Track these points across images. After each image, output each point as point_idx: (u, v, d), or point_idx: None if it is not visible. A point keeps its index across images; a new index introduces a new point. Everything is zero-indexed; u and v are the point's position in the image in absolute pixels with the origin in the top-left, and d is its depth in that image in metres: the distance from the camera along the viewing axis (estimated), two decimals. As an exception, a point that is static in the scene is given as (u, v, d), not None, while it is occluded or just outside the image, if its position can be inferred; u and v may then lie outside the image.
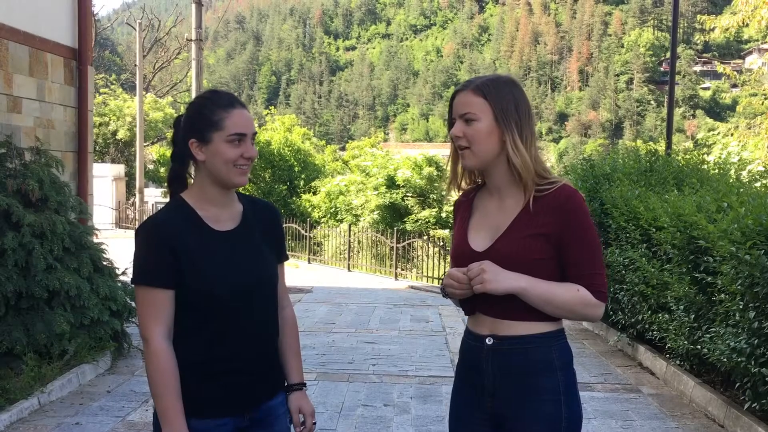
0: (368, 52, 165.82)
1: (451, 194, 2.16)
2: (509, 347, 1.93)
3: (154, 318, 1.90)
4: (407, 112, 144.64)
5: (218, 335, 1.95)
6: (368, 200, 20.39)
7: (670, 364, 5.84)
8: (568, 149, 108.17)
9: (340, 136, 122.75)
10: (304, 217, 19.88)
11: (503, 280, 1.86)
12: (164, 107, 34.41)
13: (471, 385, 2.02)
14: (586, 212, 1.92)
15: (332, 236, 17.96)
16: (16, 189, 5.44)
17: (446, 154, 2.05)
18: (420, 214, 19.55)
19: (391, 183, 20.14)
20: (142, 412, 4.88)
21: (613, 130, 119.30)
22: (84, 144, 7.56)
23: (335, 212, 21.70)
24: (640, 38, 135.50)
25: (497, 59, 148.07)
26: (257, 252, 2.04)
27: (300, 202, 22.95)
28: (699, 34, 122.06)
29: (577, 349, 7.08)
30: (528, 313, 1.91)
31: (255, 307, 2.00)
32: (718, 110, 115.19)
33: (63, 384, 5.22)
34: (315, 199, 22.60)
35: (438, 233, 16.71)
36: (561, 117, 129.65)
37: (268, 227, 2.11)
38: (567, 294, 1.88)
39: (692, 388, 5.34)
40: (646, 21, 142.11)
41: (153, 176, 31.73)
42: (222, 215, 2.01)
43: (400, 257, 15.24)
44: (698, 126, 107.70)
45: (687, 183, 6.85)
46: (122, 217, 28.55)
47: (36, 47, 6.86)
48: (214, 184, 1.98)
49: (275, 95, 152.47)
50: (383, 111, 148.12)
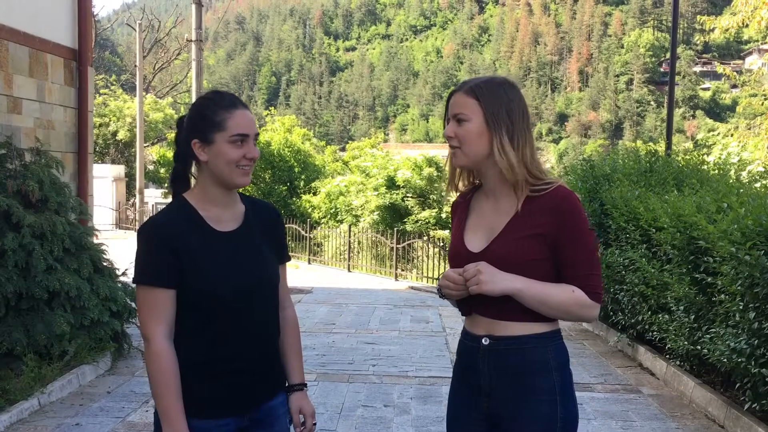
0: (368, 53, 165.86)
1: (451, 195, 2.17)
2: (505, 347, 1.94)
3: (156, 318, 1.91)
4: (407, 113, 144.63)
5: (220, 335, 1.95)
6: (368, 201, 20.39)
7: (670, 365, 5.84)
8: (568, 150, 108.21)
9: (340, 137, 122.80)
10: (304, 218, 19.88)
11: (499, 281, 1.87)
12: (164, 108, 34.42)
13: (467, 386, 2.02)
14: (582, 213, 1.92)
15: (332, 237, 17.97)
16: (17, 190, 5.45)
17: (446, 155, 2.06)
18: (420, 215, 19.56)
19: (391, 183, 20.14)
20: (142, 413, 4.88)
21: (613, 131, 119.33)
22: (84, 145, 7.56)
23: (335, 213, 21.71)
24: (640, 39, 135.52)
25: (497, 60, 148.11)
26: (258, 252, 2.04)
27: (300, 203, 22.95)
28: (699, 35, 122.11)
29: (578, 350, 7.08)
30: (524, 314, 1.91)
31: (256, 308, 2.00)
32: (718, 111, 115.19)
33: (63, 385, 5.22)
34: (315, 200, 22.61)
35: (438, 234, 16.72)
36: (561, 117, 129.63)
37: (270, 228, 2.11)
38: (562, 295, 1.89)
39: (692, 389, 5.34)
40: (646, 21, 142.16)
41: (153, 177, 31.74)
42: (224, 216, 2.02)
43: (400, 258, 15.24)
44: (698, 126, 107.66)
45: (687, 183, 6.85)
46: (122, 218, 28.55)
47: (36, 48, 6.86)
48: (217, 185, 1.98)
49: (275, 96, 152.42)
50: (383, 112, 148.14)
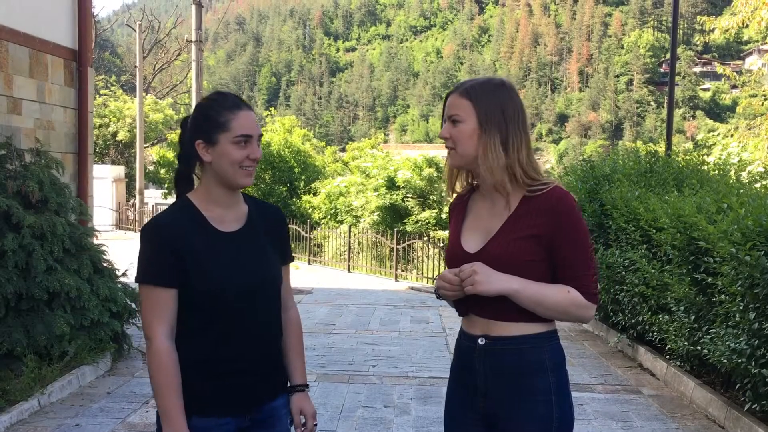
0: (368, 54, 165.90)
1: (451, 195, 2.18)
2: (501, 348, 1.95)
3: (158, 317, 1.92)
4: (407, 113, 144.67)
5: (223, 336, 1.96)
6: (368, 201, 20.39)
7: (671, 365, 5.84)
8: (568, 150, 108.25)
9: (340, 138, 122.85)
10: (305, 219, 19.89)
11: (494, 282, 1.88)
12: (164, 108, 34.43)
13: (464, 386, 2.03)
14: (578, 214, 1.93)
15: (332, 237, 17.98)
16: (17, 190, 5.44)
17: (446, 155, 2.07)
18: (420, 215, 19.56)
19: (391, 184, 20.14)
20: (142, 414, 4.88)
21: (613, 131, 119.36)
22: (84, 145, 7.56)
23: (335, 213, 21.71)
24: (640, 39, 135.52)
25: (497, 60, 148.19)
26: (262, 253, 2.05)
27: (300, 204, 22.96)
28: (699, 35, 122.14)
29: (578, 350, 7.08)
30: (520, 314, 1.92)
31: (259, 308, 2.01)
32: (718, 111, 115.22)
33: (63, 385, 5.22)
34: (315, 201, 22.61)
35: (438, 234, 16.71)
36: (561, 118, 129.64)
37: (273, 228, 2.12)
38: (558, 295, 1.89)
39: (692, 389, 5.34)
40: (646, 22, 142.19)
41: (153, 177, 31.77)
42: (227, 216, 2.02)
43: (401, 258, 15.25)
44: (698, 127, 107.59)
45: (687, 184, 6.85)
46: (122, 219, 28.56)
47: (36, 49, 6.86)
48: (220, 185, 1.99)
49: (275, 96, 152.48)
50: (383, 112, 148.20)
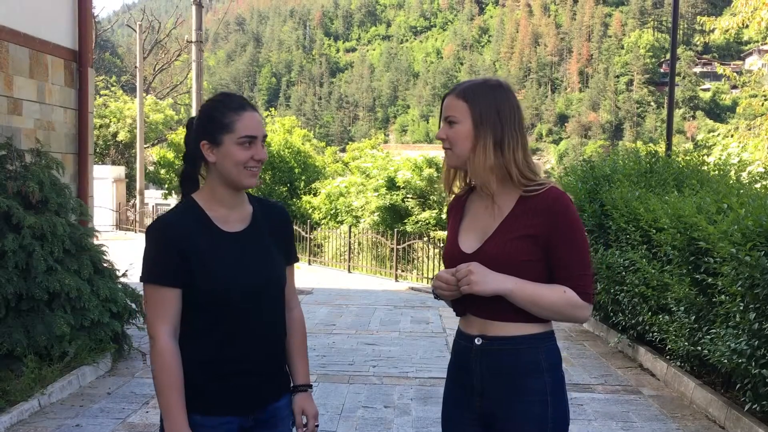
0: (368, 54, 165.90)
1: (451, 196, 2.18)
2: (498, 348, 1.95)
3: (161, 317, 1.92)
4: (407, 114, 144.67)
5: (228, 336, 1.96)
6: (368, 202, 20.40)
7: (671, 366, 5.84)
8: (568, 150, 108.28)
9: (341, 138, 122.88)
10: (305, 219, 19.89)
11: (490, 282, 1.88)
12: (164, 109, 34.44)
13: (460, 385, 2.04)
14: (574, 214, 1.93)
15: (332, 238, 17.98)
16: (17, 191, 5.45)
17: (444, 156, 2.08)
18: (420, 216, 19.56)
19: (392, 184, 20.15)
20: (143, 414, 4.88)
21: (613, 132, 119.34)
22: (84, 146, 7.57)
23: (335, 214, 21.72)
24: (640, 39, 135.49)
25: (497, 61, 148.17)
26: (267, 253, 2.05)
27: (300, 204, 22.97)
28: (699, 36, 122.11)
29: (578, 351, 7.08)
30: (516, 315, 1.92)
31: (264, 308, 2.01)
32: (718, 111, 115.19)
33: (63, 386, 5.22)
34: (315, 201, 22.62)
35: (438, 234, 16.71)
36: (561, 118, 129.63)
37: (278, 228, 2.12)
38: (554, 296, 1.90)
39: (693, 390, 5.34)
40: (646, 22, 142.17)
41: (153, 178, 31.77)
42: (231, 216, 2.03)
43: (401, 259, 15.25)
44: (698, 127, 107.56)
45: (687, 184, 6.85)
46: (122, 219, 28.54)
47: (36, 49, 6.87)
48: (225, 186, 2.00)
49: (275, 97, 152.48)
50: (383, 112, 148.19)
